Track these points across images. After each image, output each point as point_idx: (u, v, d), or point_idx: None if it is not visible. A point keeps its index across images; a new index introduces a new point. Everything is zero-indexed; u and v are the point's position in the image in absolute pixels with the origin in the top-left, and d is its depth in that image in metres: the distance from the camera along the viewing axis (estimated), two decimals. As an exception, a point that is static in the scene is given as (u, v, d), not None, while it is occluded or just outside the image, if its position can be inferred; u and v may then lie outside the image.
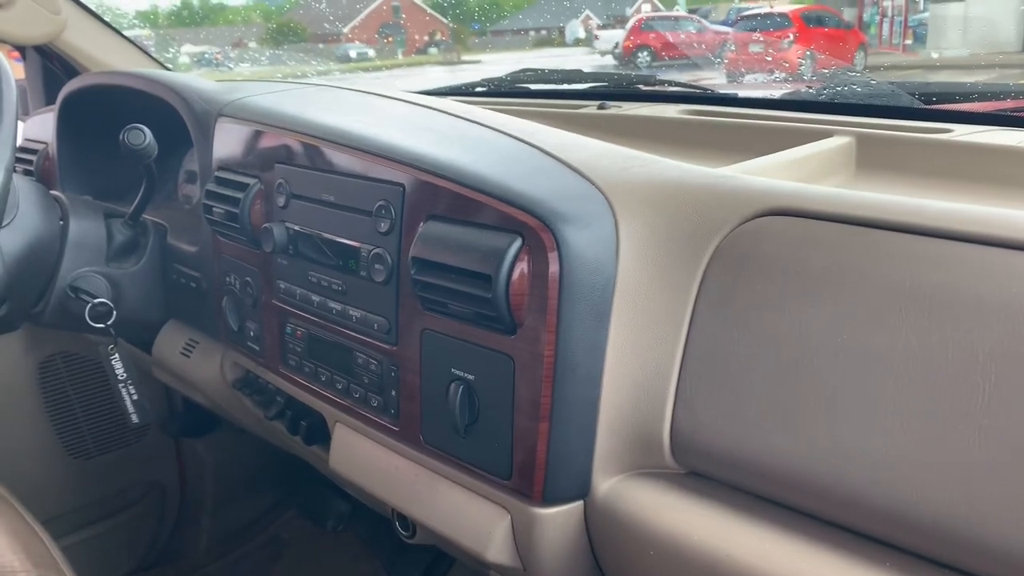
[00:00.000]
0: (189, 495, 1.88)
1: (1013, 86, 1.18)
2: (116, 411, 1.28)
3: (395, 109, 1.07)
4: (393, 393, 0.86)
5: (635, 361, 0.70)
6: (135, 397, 1.26)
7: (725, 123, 1.11)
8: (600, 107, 1.32)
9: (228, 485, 1.86)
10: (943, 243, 0.57)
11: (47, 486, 1.67)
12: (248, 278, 1.07)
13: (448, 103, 1.05)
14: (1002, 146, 0.88)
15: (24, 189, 1.17)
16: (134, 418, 1.26)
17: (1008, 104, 1.09)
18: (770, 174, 0.79)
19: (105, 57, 1.71)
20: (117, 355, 1.25)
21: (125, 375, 1.26)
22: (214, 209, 1.07)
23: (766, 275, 0.64)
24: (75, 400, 1.69)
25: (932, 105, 1.08)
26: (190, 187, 1.46)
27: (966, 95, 1.11)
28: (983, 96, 1.10)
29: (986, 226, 0.57)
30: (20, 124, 1.08)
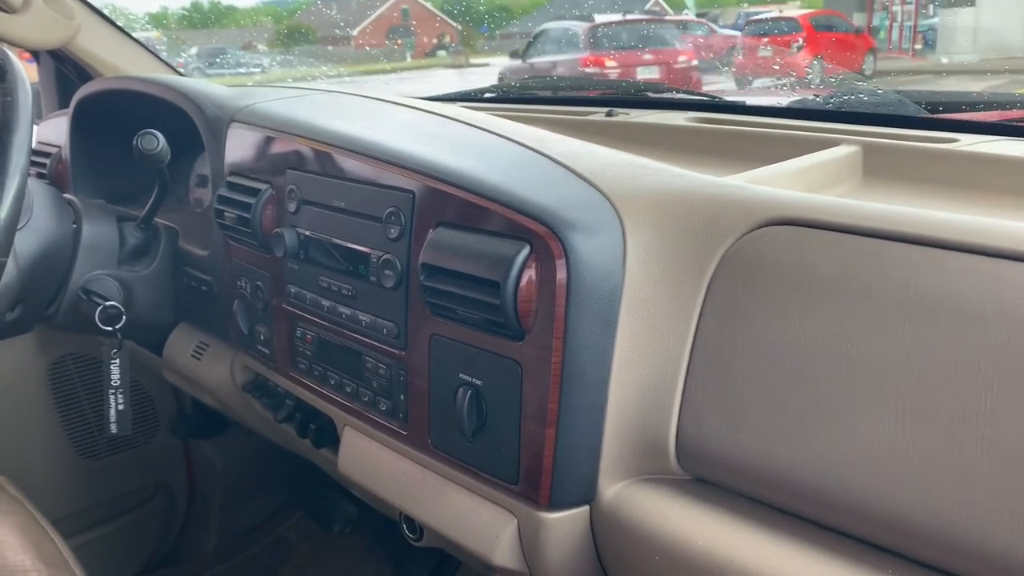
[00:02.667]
0: (197, 496, 1.89)
1: (1019, 96, 1.18)
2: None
3: (405, 116, 1.08)
4: (402, 397, 0.87)
5: (641, 368, 0.71)
6: (121, 407, 1.24)
7: (732, 131, 1.12)
8: (608, 114, 1.33)
9: (236, 487, 1.87)
10: (947, 254, 0.58)
11: (57, 486, 1.68)
12: (259, 282, 1.08)
13: (457, 109, 1.06)
14: (1007, 156, 0.88)
15: (38, 192, 1.18)
16: (113, 428, 1.24)
17: (1014, 114, 1.09)
18: (777, 183, 0.80)
19: (118, 61, 1.73)
20: (118, 360, 1.24)
21: (119, 383, 1.24)
22: (226, 214, 1.08)
23: (771, 284, 0.65)
24: (85, 401, 1.70)
25: (938, 114, 1.08)
26: (201, 191, 1.47)
27: (972, 104, 1.11)
28: (989, 105, 1.11)
29: (989, 237, 0.57)
30: (34, 127, 1.09)
